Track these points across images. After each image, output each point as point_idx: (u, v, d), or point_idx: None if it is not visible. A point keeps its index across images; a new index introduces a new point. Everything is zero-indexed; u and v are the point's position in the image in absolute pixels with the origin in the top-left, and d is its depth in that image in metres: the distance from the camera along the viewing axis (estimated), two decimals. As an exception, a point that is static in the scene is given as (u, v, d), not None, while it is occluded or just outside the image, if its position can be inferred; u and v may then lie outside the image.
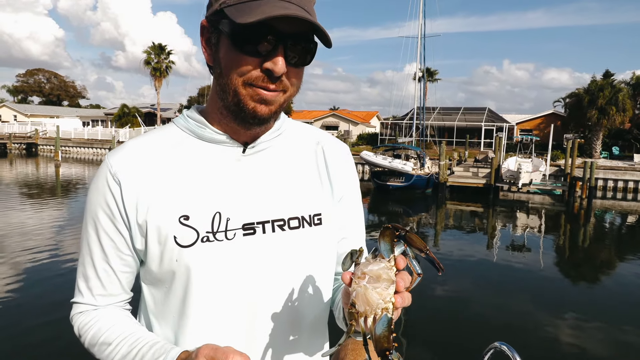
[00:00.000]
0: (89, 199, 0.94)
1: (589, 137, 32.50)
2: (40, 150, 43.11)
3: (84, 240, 0.95)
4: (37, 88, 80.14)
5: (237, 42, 0.82)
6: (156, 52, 44.37)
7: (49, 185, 21.67)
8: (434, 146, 33.18)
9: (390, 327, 0.71)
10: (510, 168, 22.37)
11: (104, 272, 0.94)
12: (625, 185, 24.94)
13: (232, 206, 0.91)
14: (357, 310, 0.72)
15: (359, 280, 0.72)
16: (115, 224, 0.91)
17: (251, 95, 0.85)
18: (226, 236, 0.90)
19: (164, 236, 0.88)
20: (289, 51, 0.83)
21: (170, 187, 0.90)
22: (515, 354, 1.32)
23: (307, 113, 53.07)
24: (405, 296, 0.74)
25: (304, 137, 1.06)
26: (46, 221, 12.66)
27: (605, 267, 10.98)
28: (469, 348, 5.58)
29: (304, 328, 0.99)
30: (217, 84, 0.90)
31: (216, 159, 0.93)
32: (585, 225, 16.90)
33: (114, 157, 0.92)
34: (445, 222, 16.43)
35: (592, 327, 6.75)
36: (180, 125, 0.96)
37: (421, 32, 31.19)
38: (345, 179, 1.08)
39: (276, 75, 0.83)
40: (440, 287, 8.47)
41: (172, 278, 0.90)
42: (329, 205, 1.02)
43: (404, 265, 0.75)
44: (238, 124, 0.91)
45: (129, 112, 50.47)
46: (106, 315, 0.95)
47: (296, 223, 0.96)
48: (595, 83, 31.52)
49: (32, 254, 9.19)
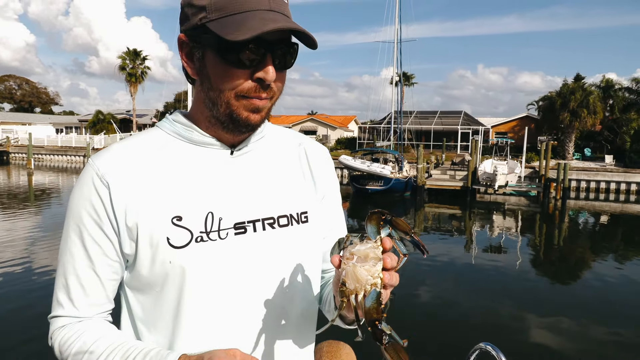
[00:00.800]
0: (73, 203, 0.91)
1: (562, 139, 33.29)
2: (12, 158, 42.00)
3: (65, 248, 0.92)
4: (7, 95, 78.16)
5: (225, 56, 0.83)
6: (131, 58, 43.83)
7: (21, 194, 21.12)
8: (411, 150, 33.52)
9: (379, 300, 0.74)
10: (487, 170, 22.77)
11: (87, 280, 0.91)
12: (598, 186, 25.63)
13: (223, 206, 0.92)
14: (347, 288, 0.75)
15: (348, 261, 0.75)
16: (103, 228, 0.89)
17: (245, 105, 0.87)
18: (219, 236, 0.90)
19: (157, 238, 0.87)
20: (277, 59, 0.86)
21: (161, 189, 0.89)
22: (500, 354, 1.34)
23: (285, 118, 53.04)
24: (393, 274, 0.77)
25: (285, 139, 1.09)
26: (18, 232, 12.32)
27: (579, 266, 11.24)
28: (450, 349, 5.63)
29: (293, 323, 1.01)
30: (205, 96, 0.90)
31: (205, 161, 0.94)
32: (559, 226, 17.28)
33: (100, 159, 0.91)
34: (424, 225, 16.59)
35: (566, 324, 6.89)
36: (165, 129, 0.97)
37: (397, 37, 31.59)
38: (327, 178, 1.12)
39: (267, 84, 0.85)
40: (420, 288, 8.54)
41: (164, 281, 0.89)
42: (314, 204, 1.05)
43: (390, 245, 0.77)
44: (227, 132, 0.93)
45: (104, 118, 49.66)
46: (91, 327, 0.91)
47: (285, 221, 0.98)
48: (566, 86, 32.33)
49: (3, 267, 8.93)
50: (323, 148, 1.15)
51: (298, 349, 1.03)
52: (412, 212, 20.02)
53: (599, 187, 25.63)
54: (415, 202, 21.76)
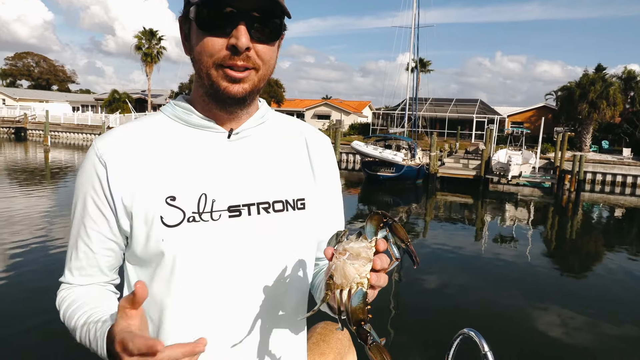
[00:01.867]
0: (77, 182, 0.97)
1: (580, 131, 32.74)
2: (30, 134, 42.62)
3: (71, 223, 0.99)
4: (25, 72, 78.92)
5: (201, 24, 0.87)
6: (147, 38, 43.86)
7: (38, 170, 21.47)
8: (425, 137, 33.25)
9: (365, 300, 0.76)
10: (501, 160, 22.52)
11: (83, 254, 0.97)
12: (614, 179, 25.22)
13: (217, 188, 0.94)
14: (334, 282, 0.76)
15: (340, 256, 0.77)
16: (100, 206, 0.94)
17: (222, 75, 0.89)
18: (212, 217, 0.92)
19: (151, 216, 0.91)
20: (253, 29, 0.87)
21: (157, 170, 0.92)
22: (482, 339, 1.37)
23: (299, 102, 52.88)
24: (381, 276, 0.78)
25: (287, 127, 1.10)
26: (35, 206, 12.56)
27: (591, 259, 11.16)
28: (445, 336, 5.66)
29: (285, 308, 1.02)
30: (196, 73, 0.94)
31: (202, 144, 0.96)
32: (572, 218, 17.12)
33: (101, 141, 0.95)
34: (435, 213, 16.55)
35: (577, 319, 6.87)
36: (167, 113, 1.00)
37: (415, 22, 31.11)
38: (327, 168, 1.12)
39: (240, 50, 0.86)
40: (429, 276, 8.56)
41: (158, 258, 0.92)
42: (312, 192, 1.06)
43: (384, 248, 0.78)
44: (219, 108, 0.95)
45: (120, 97, 49.93)
46: (79, 293, 0.98)
47: (280, 206, 0.99)
48: (587, 77, 31.68)
49: (21, 240, 9.14)
50: (325, 138, 1.16)
51: (289, 332, 1.05)
52: (423, 199, 19.96)
53: (615, 180, 25.22)
54: (427, 190, 21.67)
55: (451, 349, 1.51)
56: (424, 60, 45.97)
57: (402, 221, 14.49)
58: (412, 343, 5.68)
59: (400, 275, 8.60)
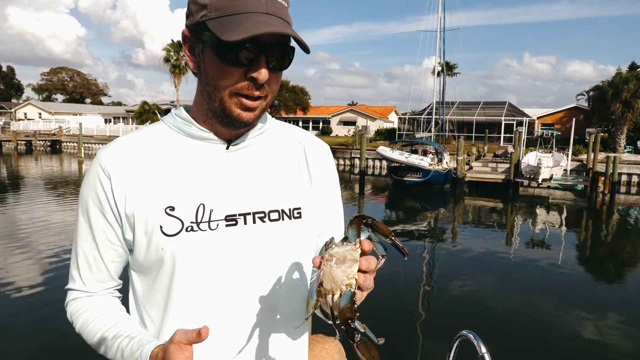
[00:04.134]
0: (82, 192, 1.00)
1: (613, 132, 31.80)
2: (64, 147, 44.07)
3: (76, 231, 1.02)
4: (60, 86, 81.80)
5: (221, 54, 0.88)
6: (175, 50, 44.74)
7: (72, 181, 22.16)
8: (452, 141, 32.86)
9: (353, 300, 0.78)
10: (530, 163, 22.05)
11: (93, 260, 1.00)
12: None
13: (215, 198, 0.97)
14: (324, 288, 0.79)
15: (327, 262, 0.79)
16: (106, 215, 0.97)
17: (237, 103, 0.91)
18: (209, 226, 0.95)
19: (151, 226, 0.94)
20: (270, 59, 0.89)
21: (157, 180, 0.95)
22: (479, 341, 1.38)
23: (325, 109, 53.02)
24: (368, 277, 0.80)
25: (286, 136, 1.12)
26: (70, 214, 12.98)
27: (628, 265, 10.79)
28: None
29: (282, 316, 1.04)
30: (203, 90, 0.96)
31: (201, 154, 0.99)
32: (607, 222, 16.60)
33: (104, 152, 0.99)
34: (464, 218, 16.31)
35: (611, 327, 6.67)
36: (168, 123, 1.02)
37: (440, 26, 30.87)
38: (325, 176, 1.13)
39: (260, 83, 0.89)
40: (458, 280, 8.46)
41: (159, 266, 0.96)
42: (308, 200, 1.07)
43: (370, 248, 0.80)
44: (223, 126, 0.97)
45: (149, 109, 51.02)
46: (94, 304, 1.01)
47: (276, 215, 1.01)
48: (619, 75, 30.78)
49: (56, 248, 9.45)
50: (323, 145, 1.17)
51: (287, 339, 1.06)
52: (451, 204, 19.70)
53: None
54: (454, 195, 21.38)
55: (451, 351, 1.53)
56: (450, 64, 45.51)
57: (430, 226, 14.34)
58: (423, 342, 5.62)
59: (430, 280, 8.53)
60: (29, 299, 6.84)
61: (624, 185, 24.27)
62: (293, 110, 41.90)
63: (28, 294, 7.01)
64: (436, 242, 11.96)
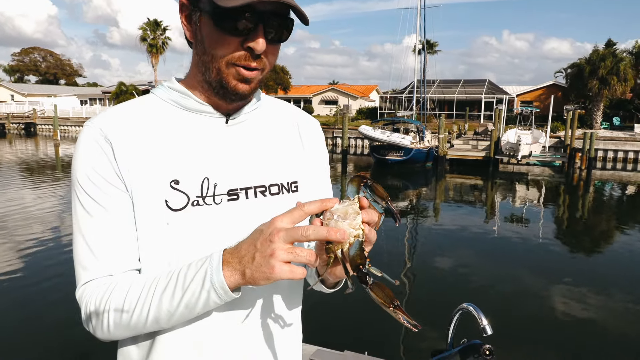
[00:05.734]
0: (78, 165, 0.91)
1: (590, 108, 32.35)
2: (39, 129, 43.00)
3: (80, 211, 0.91)
4: (33, 67, 79.33)
5: (218, 23, 0.86)
6: (152, 29, 43.74)
7: (49, 165, 21.70)
8: (434, 119, 33.04)
9: (362, 247, 0.79)
10: (510, 140, 22.36)
11: (112, 235, 0.90)
12: (625, 156, 24.96)
13: (218, 172, 0.95)
14: (332, 244, 0.79)
15: (329, 220, 0.79)
16: (114, 183, 0.90)
17: (233, 74, 0.89)
18: (214, 201, 0.94)
19: (156, 200, 0.90)
20: (268, 30, 0.87)
21: (159, 153, 0.92)
22: (480, 313, 1.42)
23: (306, 88, 52.69)
24: (371, 229, 0.82)
25: (279, 111, 1.12)
26: (49, 201, 12.74)
27: (603, 238, 11.11)
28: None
29: (281, 289, 1.04)
30: (199, 60, 0.93)
31: (201, 128, 0.97)
32: (584, 196, 17.00)
33: (101, 119, 0.92)
34: (445, 195, 16.52)
35: (586, 296, 6.88)
36: (161, 96, 0.99)
37: (421, 3, 30.72)
38: (318, 151, 1.15)
39: (257, 54, 0.87)
40: (440, 256, 8.60)
41: (162, 241, 0.91)
42: (304, 174, 1.08)
43: (368, 203, 0.82)
44: (219, 98, 0.95)
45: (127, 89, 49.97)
46: (125, 278, 0.90)
47: (276, 189, 1.01)
48: (596, 53, 31.19)
49: (34, 234, 9.29)
50: (315, 122, 1.18)
51: (287, 311, 1.07)
52: (433, 182, 19.91)
53: (626, 157, 24.96)
54: (436, 173, 21.61)
55: (452, 323, 1.56)
56: (431, 42, 45.47)
57: (413, 204, 14.49)
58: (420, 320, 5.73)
59: (412, 255, 8.65)
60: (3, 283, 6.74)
61: (600, 160, 24.81)
62: (274, 89, 41.53)
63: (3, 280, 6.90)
64: (418, 219, 12.11)
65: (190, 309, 0.84)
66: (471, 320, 1.45)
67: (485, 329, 1.40)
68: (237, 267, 0.80)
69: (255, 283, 0.79)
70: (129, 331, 0.88)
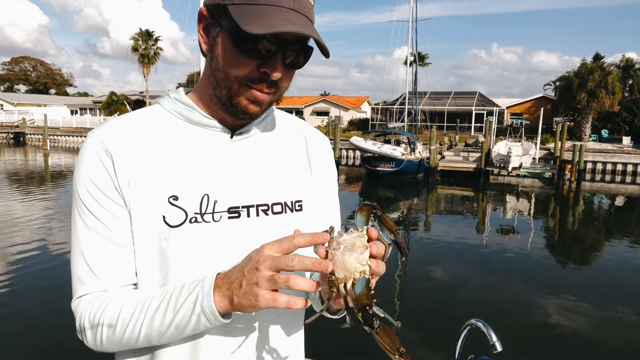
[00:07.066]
0: (79, 177, 0.91)
1: (579, 121, 32.71)
2: (28, 139, 42.60)
3: (79, 223, 0.90)
4: (23, 76, 78.89)
5: (237, 43, 0.84)
6: (143, 39, 43.79)
7: (38, 174, 21.47)
8: (425, 131, 33.23)
9: (369, 286, 0.76)
10: (501, 152, 22.53)
11: (107, 250, 0.89)
12: (614, 168, 25.24)
13: (219, 189, 0.93)
14: (336, 277, 0.76)
15: (335, 251, 0.76)
16: (113, 198, 0.89)
17: (246, 95, 0.88)
18: (213, 218, 0.91)
19: (154, 215, 0.88)
20: (286, 57, 0.86)
21: (159, 167, 0.90)
22: (490, 329, 1.39)
23: (298, 99, 52.80)
24: (380, 263, 0.78)
25: (287, 126, 1.09)
26: (37, 211, 12.58)
27: (592, 249, 11.17)
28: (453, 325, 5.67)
29: (282, 310, 0.99)
30: (212, 75, 0.91)
31: (205, 143, 0.94)
32: (574, 208, 17.12)
33: (103, 132, 0.91)
34: (436, 206, 16.55)
35: (580, 307, 6.88)
36: (167, 107, 0.97)
37: (412, 16, 31.04)
38: (325, 168, 1.11)
39: (272, 80, 0.86)
40: (433, 268, 8.57)
41: (159, 257, 0.90)
42: (309, 192, 1.05)
43: (376, 235, 0.78)
44: (227, 115, 0.93)
45: (118, 99, 49.86)
46: (120, 293, 0.90)
47: (279, 208, 0.98)
48: (585, 66, 31.62)
49: (23, 245, 9.15)
50: (323, 137, 1.15)
51: (286, 334, 1.03)
52: (424, 193, 19.96)
53: (615, 169, 25.23)
54: (427, 184, 21.68)
55: (459, 339, 1.53)
56: (422, 54, 45.87)
57: (404, 215, 14.50)
58: (420, 334, 5.69)
59: (405, 269, 8.62)
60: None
61: (589, 172, 25.04)
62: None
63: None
64: (410, 231, 12.10)
65: (180, 331, 0.83)
66: (477, 335, 1.42)
67: (495, 345, 1.39)
68: (227, 293, 0.79)
69: (243, 310, 0.78)
70: (121, 346, 0.89)
